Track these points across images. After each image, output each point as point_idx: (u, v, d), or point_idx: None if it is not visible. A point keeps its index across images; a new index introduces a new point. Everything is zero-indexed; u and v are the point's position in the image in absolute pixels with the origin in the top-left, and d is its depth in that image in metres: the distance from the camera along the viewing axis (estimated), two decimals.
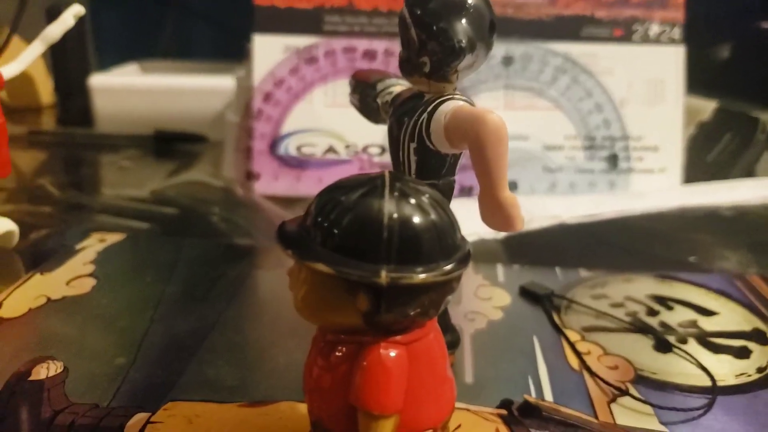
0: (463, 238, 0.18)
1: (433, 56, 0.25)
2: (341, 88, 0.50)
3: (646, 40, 0.52)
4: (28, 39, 0.73)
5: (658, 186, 0.52)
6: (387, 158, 0.50)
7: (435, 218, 0.17)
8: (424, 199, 0.18)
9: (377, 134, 0.50)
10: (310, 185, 0.50)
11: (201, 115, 0.66)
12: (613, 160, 0.52)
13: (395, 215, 0.17)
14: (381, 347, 0.17)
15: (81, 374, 0.26)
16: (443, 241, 0.17)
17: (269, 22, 0.49)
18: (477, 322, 0.32)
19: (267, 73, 0.49)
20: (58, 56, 0.73)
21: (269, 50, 0.49)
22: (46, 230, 0.42)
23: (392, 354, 0.17)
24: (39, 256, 0.38)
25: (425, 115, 0.25)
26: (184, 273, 0.35)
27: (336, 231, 0.17)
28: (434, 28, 0.24)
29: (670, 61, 0.52)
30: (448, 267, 0.17)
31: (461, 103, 0.25)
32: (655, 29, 0.52)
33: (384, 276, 0.16)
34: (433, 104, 0.25)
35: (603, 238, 0.44)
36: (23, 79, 0.73)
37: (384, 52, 0.50)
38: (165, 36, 0.93)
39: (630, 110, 0.52)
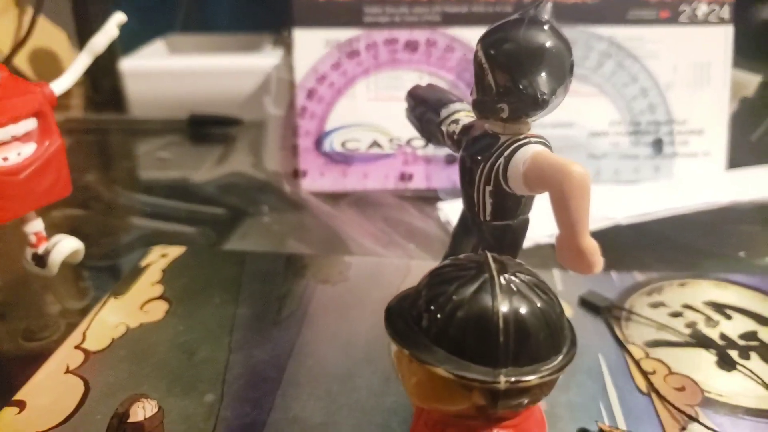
0: (568, 322, 0.19)
1: (512, 105, 0.24)
2: (383, 81, 0.50)
3: (693, 20, 0.51)
4: (55, 20, 0.72)
5: (702, 170, 0.52)
6: (430, 151, 0.50)
7: (546, 313, 0.18)
8: (533, 290, 0.18)
9: None
10: (355, 180, 0.50)
11: (235, 96, 0.65)
12: (657, 144, 0.51)
13: (510, 317, 0.17)
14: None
15: (176, 414, 0.27)
16: (555, 337, 0.18)
17: (309, 16, 0.48)
18: None
19: (309, 68, 0.49)
20: (85, 35, 0.72)
21: (310, 45, 0.49)
22: (103, 240, 0.43)
23: None
24: (105, 272, 0.39)
25: (502, 159, 0.25)
26: (250, 291, 0.36)
27: (451, 331, 0.17)
28: (516, 82, 0.24)
29: (717, 41, 0.51)
30: (561, 362, 0.18)
31: (540, 147, 0.25)
32: (703, 9, 0.50)
33: (503, 381, 0.17)
34: (510, 149, 0.25)
35: (654, 236, 0.44)
36: (48, 59, 0.73)
37: (426, 42, 0.49)
38: (183, 7, 0.91)
39: (675, 94, 0.51)
